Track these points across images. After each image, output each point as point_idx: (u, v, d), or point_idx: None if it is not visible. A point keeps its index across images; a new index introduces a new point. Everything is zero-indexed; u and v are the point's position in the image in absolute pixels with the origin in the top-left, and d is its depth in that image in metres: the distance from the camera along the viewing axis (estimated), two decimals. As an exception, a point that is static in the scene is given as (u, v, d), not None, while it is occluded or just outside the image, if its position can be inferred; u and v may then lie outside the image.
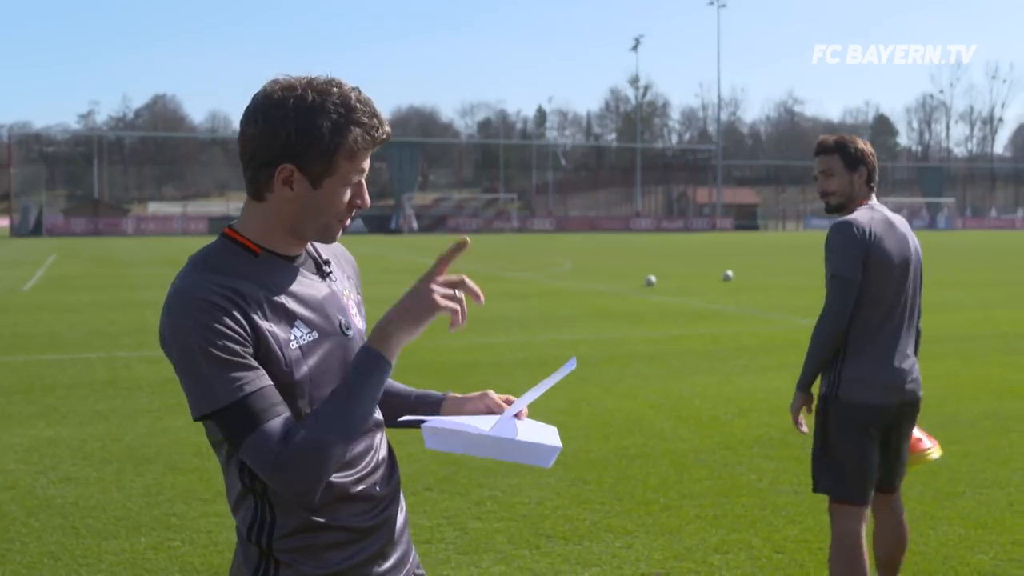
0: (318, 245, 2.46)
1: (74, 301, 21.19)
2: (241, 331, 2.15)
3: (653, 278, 25.67)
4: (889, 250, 4.50)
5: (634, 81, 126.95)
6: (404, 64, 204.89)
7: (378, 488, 2.37)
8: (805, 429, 4.68)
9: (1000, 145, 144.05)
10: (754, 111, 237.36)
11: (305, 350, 2.25)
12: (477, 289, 2.28)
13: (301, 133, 2.17)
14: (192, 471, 7.56)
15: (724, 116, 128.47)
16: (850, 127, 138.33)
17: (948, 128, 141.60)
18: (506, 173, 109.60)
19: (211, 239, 2.93)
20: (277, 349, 2.20)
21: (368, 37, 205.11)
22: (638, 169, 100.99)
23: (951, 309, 19.15)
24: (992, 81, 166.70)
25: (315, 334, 2.28)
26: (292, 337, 2.23)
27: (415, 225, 78.23)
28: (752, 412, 9.59)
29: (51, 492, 7.06)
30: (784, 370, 11.35)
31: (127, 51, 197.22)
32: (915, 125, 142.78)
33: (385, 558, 2.42)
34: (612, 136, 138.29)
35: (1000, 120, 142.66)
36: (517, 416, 2.51)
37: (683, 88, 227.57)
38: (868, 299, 4.46)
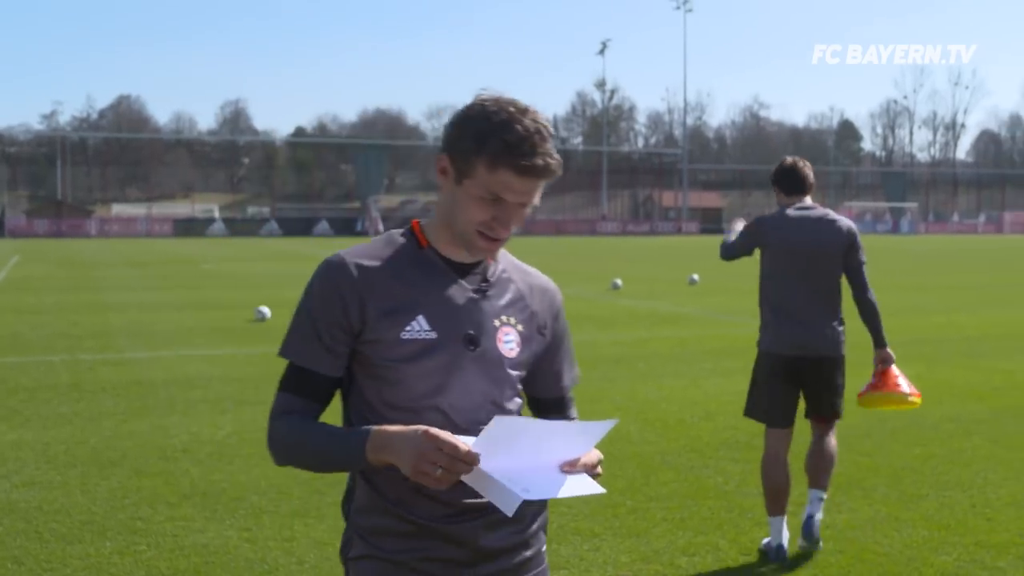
0: (507, 266, 2.54)
1: (37, 303, 21.01)
2: (339, 311, 2.35)
3: (619, 281, 25.74)
4: (787, 239, 5.87)
5: (601, 85, 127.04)
6: (371, 66, 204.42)
7: (464, 498, 2.34)
8: None
9: (962, 151, 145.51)
10: (720, 115, 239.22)
11: (415, 344, 2.34)
12: (460, 475, 2.16)
13: (459, 128, 2.34)
14: (158, 475, 7.51)
15: (690, 120, 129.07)
16: (815, 132, 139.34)
17: (911, 133, 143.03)
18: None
19: (176, 242, 2.90)
20: (387, 333, 2.34)
21: (335, 38, 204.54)
22: (604, 172, 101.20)
23: (915, 313, 19.31)
24: (955, 87, 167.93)
25: (434, 334, 2.36)
26: (408, 327, 2.35)
27: (381, 228, 77.89)
28: (718, 415, 9.63)
29: (14, 496, 7.00)
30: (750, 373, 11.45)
31: (91, 51, 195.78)
32: (879, 130, 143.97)
33: (461, 567, 2.40)
34: (578, 140, 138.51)
35: (962, 126, 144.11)
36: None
37: (649, 92, 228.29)
38: (770, 276, 5.97)
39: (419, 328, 2.34)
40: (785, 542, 5.79)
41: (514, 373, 2.46)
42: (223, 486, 7.21)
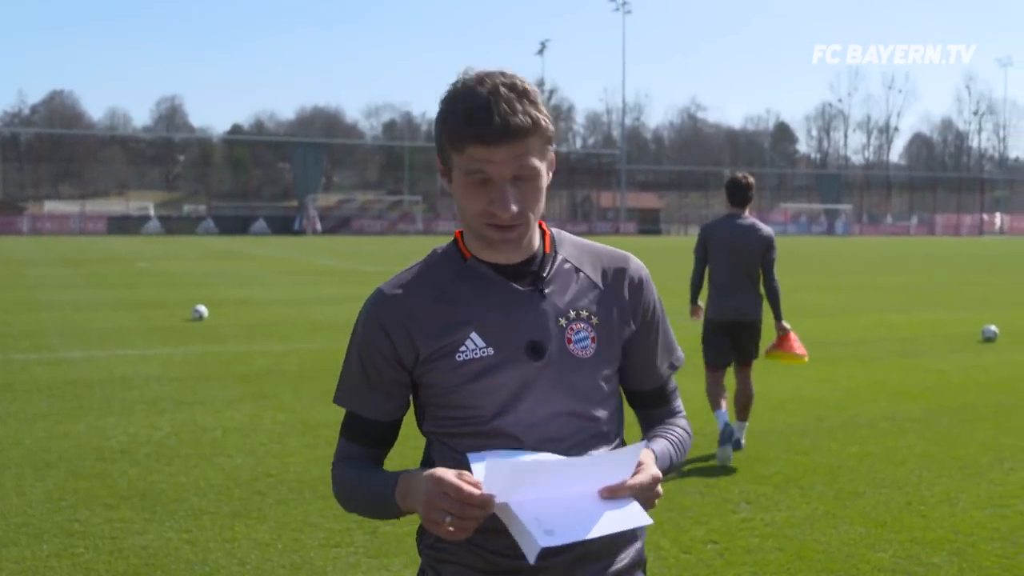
0: (569, 252, 2.31)
1: (-33, 302, 20.62)
2: (387, 348, 2.22)
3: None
4: (721, 240, 8.33)
5: (539, 85, 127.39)
6: (309, 64, 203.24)
7: None
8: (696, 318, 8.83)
9: (896, 154, 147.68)
10: (658, 117, 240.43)
11: (473, 364, 2.17)
12: (475, 522, 1.96)
13: (436, 121, 2.19)
14: (95, 476, 7.42)
15: (628, 121, 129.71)
16: (751, 134, 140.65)
17: (846, 136, 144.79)
18: (411, 175, 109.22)
19: (110, 240, 2.80)
20: (441, 359, 2.18)
21: (273, 35, 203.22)
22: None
23: (849, 313, 19.58)
24: (888, 91, 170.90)
25: (490, 350, 2.17)
26: (463, 348, 2.17)
27: (319, 227, 77.58)
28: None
29: (-53, 498, 6.87)
30: (691, 373, 11.49)
31: (22, 44, 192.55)
32: (814, 133, 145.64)
33: None
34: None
35: (896, 129, 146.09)
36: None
37: (588, 93, 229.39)
38: (712, 265, 8.41)
39: (474, 347, 2.16)
40: (727, 419, 8.01)
41: (598, 374, 2.23)
42: (162, 487, 7.14)
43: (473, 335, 2.18)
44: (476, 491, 1.92)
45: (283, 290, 24.16)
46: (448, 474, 1.96)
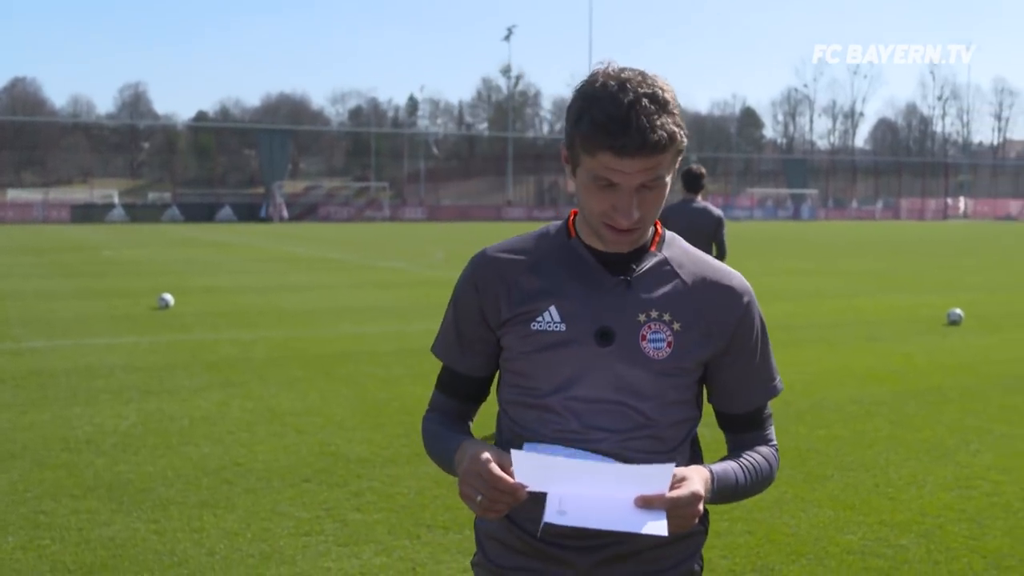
0: (674, 256, 2.29)
1: (-71, 291, 20.40)
2: (476, 306, 2.29)
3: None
4: (679, 222, 8.72)
5: (506, 71, 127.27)
6: (274, 50, 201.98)
7: None
8: None
9: (861, 139, 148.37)
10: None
11: (544, 336, 2.21)
12: (505, 507, 2.03)
13: (567, 113, 2.19)
14: (60, 466, 7.34)
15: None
16: (717, 119, 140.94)
17: (812, 121, 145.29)
18: (377, 162, 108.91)
19: (74, 228, 2.78)
20: (519, 324, 2.24)
21: (238, 21, 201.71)
22: (510, 158, 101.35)
23: (816, 297, 19.69)
24: (853, 76, 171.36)
25: (563, 326, 2.20)
26: (539, 319, 2.22)
27: (285, 214, 77.14)
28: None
29: (-90, 490, 6.79)
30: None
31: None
32: (780, 118, 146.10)
33: None
34: (484, 125, 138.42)
35: (861, 114, 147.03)
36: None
37: (554, 78, 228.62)
38: None
39: (549, 319, 2.20)
40: None
41: (667, 379, 2.21)
42: (129, 477, 7.08)
43: (552, 308, 2.22)
44: (507, 478, 1.99)
45: (250, 278, 24.03)
46: (486, 456, 2.04)
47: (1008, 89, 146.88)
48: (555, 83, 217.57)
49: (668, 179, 2.15)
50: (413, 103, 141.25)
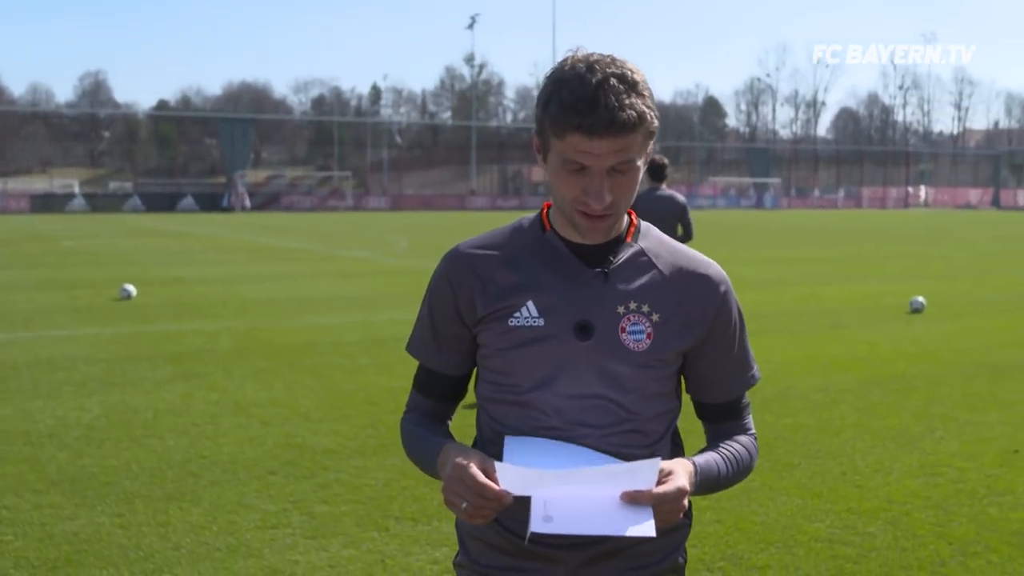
0: (650, 247, 2.27)
1: None
2: (452, 302, 2.25)
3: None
4: (645, 208, 9.18)
5: (469, 59, 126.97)
6: (236, 38, 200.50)
7: None
8: None
9: (823, 128, 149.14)
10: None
11: (522, 331, 2.18)
12: (490, 513, 2.00)
13: (537, 100, 2.16)
14: (23, 461, 7.24)
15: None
16: (680, 108, 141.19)
17: (774, 111, 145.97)
18: (340, 151, 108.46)
19: (33, 218, 2.72)
20: (496, 320, 2.21)
21: (198, 8, 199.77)
22: (473, 148, 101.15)
23: (780, 285, 19.77)
24: (816, 66, 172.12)
25: (541, 321, 2.17)
26: (517, 314, 2.19)
27: (248, 203, 76.65)
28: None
29: None
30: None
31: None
32: (743, 107, 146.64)
33: None
34: (447, 114, 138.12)
35: (823, 104, 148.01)
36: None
37: (518, 67, 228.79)
38: None
39: (527, 314, 2.17)
40: None
41: (647, 371, 2.19)
42: (93, 471, 6.99)
43: (529, 303, 2.19)
44: (492, 486, 1.96)
45: (213, 268, 23.86)
46: (470, 462, 2.00)
47: (968, 79, 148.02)
48: (519, 72, 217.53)
49: (640, 163, 2.12)
50: (376, 92, 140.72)
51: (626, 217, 2.28)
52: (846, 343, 12.71)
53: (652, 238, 2.30)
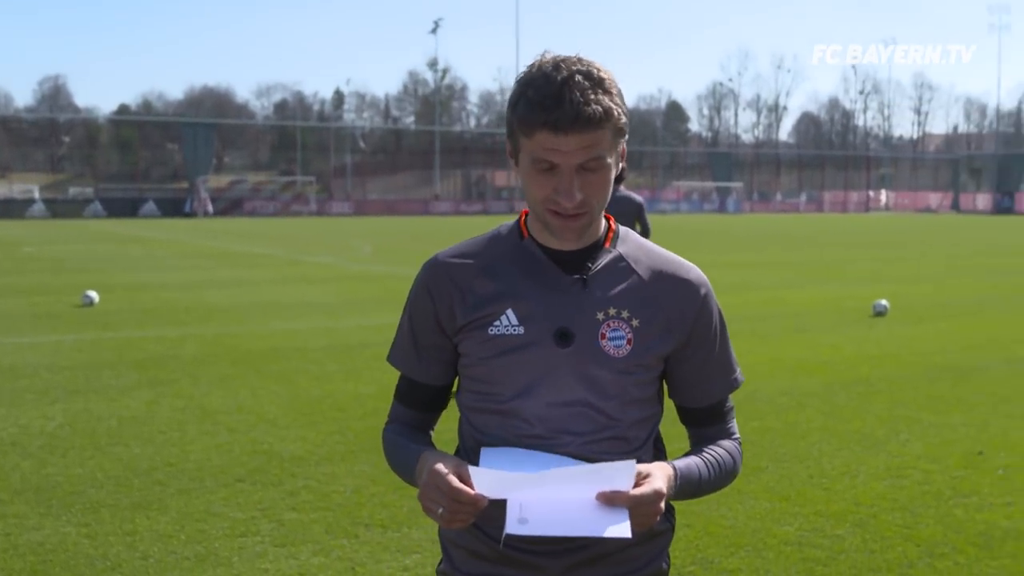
0: (629, 251, 2.27)
1: None
2: (432, 312, 2.25)
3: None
4: (611, 206, 9.08)
5: (433, 64, 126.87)
6: (197, 42, 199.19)
7: None
8: None
9: (784, 132, 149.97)
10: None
11: (502, 340, 2.18)
12: (467, 518, 2.02)
13: (507, 106, 2.17)
14: (-15, 469, 7.17)
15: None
16: (644, 113, 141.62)
17: (736, 115, 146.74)
18: (303, 156, 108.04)
19: None
20: (476, 330, 2.20)
21: (159, 12, 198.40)
22: (437, 152, 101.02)
23: (743, 289, 19.86)
24: (777, 71, 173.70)
25: (521, 329, 2.17)
26: (496, 323, 2.19)
27: (210, 208, 76.20)
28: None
29: None
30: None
31: None
32: (705, 112, 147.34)
33: None
34: (410, 119, 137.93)
35: (784, 108, 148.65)
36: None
37: (481, 72, 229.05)
38: None
39: (507, 323, 2.17)
40: None
41: (628, 376, 2.18)
42: (57, 480, 6.92)
43: (509, 312, 2.18)
44: (467, 490, 1.96)
45: (176, 274, 23.70)
46: (445, 468, 2.00)
47: (927, 84, 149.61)
48: (482, 77, 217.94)
49: (611, 161, 2.12)
50: (339, 96, 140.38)
51: (604, 222, 2.29)
52: (810, 347, 12.79)
53: (631, 243, 2.30)
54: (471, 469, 2.02)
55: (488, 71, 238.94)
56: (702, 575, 5.35)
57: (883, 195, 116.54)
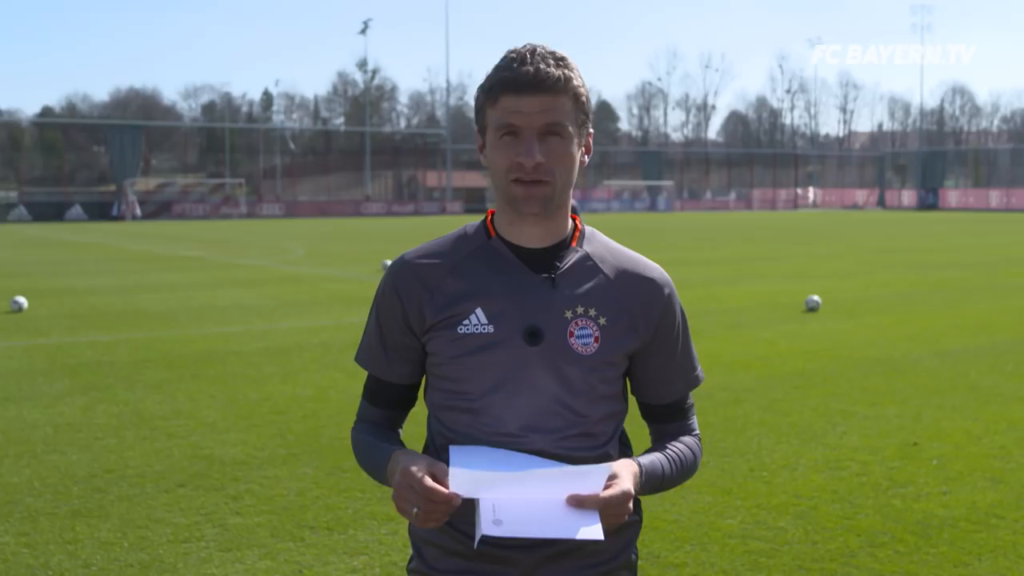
0: (595, 251, 2.31)
1: None
2: (400, 312, 2.27)
3: (389, 262, 25.64)
4: None
5: (362, 65, 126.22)
6: (121, 42, 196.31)
7: None
8: None
9: (713, 131, 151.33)
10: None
11: (472, 339, 2.20)
12: (442, 516, 2.04)
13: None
14: (-82, 479, 7.02)
15: (452, 101, 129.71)
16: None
17: (666, 114, 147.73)
18: (232, 157, 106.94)
19: None
20: (445, 329, 2.22)
21: (82, 12, 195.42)
22: (367, 153, 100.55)
23: (678, 287, 19.73)
24: (705, 70, 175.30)
25: (491, 327, 2.19)
26: (465, 322, 2.21)
27: (138, 212, 75.16)
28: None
29: None
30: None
31: None
32: (635, 111, 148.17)
33: None
34: (340, 120, 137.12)
35: (713, 107, 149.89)
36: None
37: (411, 73, 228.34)
38: None
39: (476, 322, 2.20)
40: None
41: (595, 374, 2.22)
42: (-7, 488, 6.81)
43: (478, 311, 2.21)
44: (441, 490, 1.98)
45: (106, 278, 23.36)
46: (418, 468, 2.02)
47: (852, 83, 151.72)
48: (412, 78, 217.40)
49: (572, 132, 2.17)
50: (268, 97, 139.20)
51: (571, 222, 2.32)
52: (746, 342, 12.93)
53: (597, 242, 2.34)
54: (448, 469, 2.04)
55: (418, 72, 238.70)
56: (649, 570, 5.39)
57: (811, 192, 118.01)
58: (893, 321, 14.97)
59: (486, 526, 1.95)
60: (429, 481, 2.00)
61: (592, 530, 1.98)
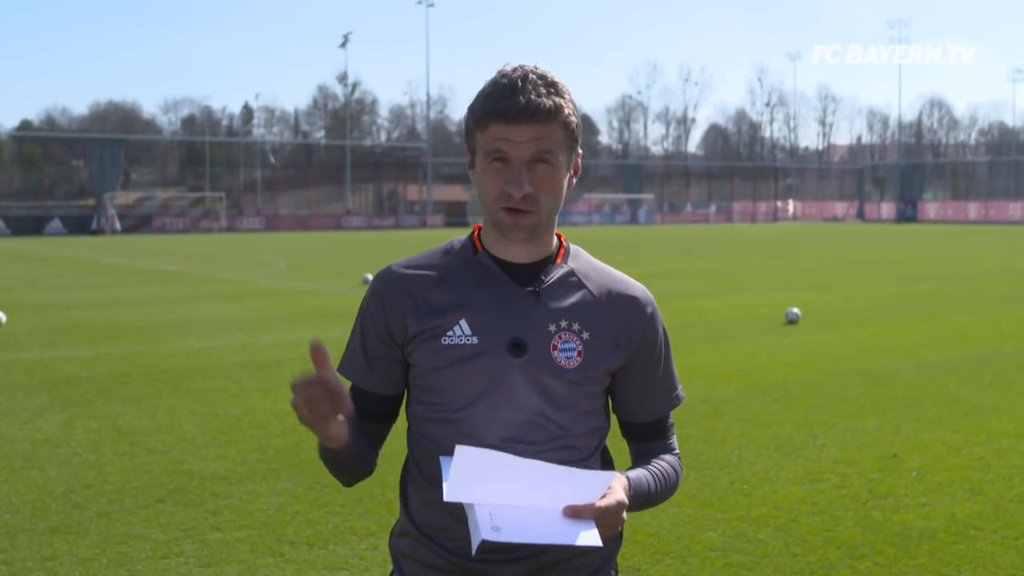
0: (580, 267, 2.33)
1: None
2: (383, 321, 2.28)
3: (370, 276, 25.61)
4: None
5: (342, 78, 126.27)
6: (101, 56, 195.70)
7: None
8: None
9: (693, 144, 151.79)
10: (462, 110, 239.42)
11: (456, 350, 2.21)
12: (308, 394, 2.05)
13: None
14: None
15: (433, 114, 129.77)
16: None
17: (646, 127, 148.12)
18: (213, 171, 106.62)
19: None
20: (428, 340, 2.23)
21: (62, 26, 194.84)
22: (348, 167, 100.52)
23: (658, 300, 19.84)
24: (685, 83, 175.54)
25: (475, 339, 2.20)
26: (449, 333, 2.22)
27: (118, 226, 74.90)
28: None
29: None
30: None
31: None
32: (615, 124, 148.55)
33: None
34: (321, 134, 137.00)
35: (693, 120, 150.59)
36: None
37: (392, 86, 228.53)
38: None
39: (460, 333, 2.21)
40: None
41: (578, 388, 2.23)
42: (-30, 505, 6.76)
43: (462, 322, 2.22)
44: (311, 372, 2.01)
45: (86, 292, 23.25)
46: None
47: (831, 96, 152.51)
48: (392, 91, 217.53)
49: (562, 159, 2.19)
50: (248, 111, 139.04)
51: (556, 239, 2.34)
52: (726, 355, 12.96)
53: (582, 260, 2.36)
54: (444, 461, 2.05)
55: (398, 85, 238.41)
56: (629, 583, 5.39)
57: (790, 205, 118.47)
58: (873, 333, 15.03)
59: (485, 531, 1.94)
60: (303, 374, 2.02)
61: (590, 536, 1.99)
